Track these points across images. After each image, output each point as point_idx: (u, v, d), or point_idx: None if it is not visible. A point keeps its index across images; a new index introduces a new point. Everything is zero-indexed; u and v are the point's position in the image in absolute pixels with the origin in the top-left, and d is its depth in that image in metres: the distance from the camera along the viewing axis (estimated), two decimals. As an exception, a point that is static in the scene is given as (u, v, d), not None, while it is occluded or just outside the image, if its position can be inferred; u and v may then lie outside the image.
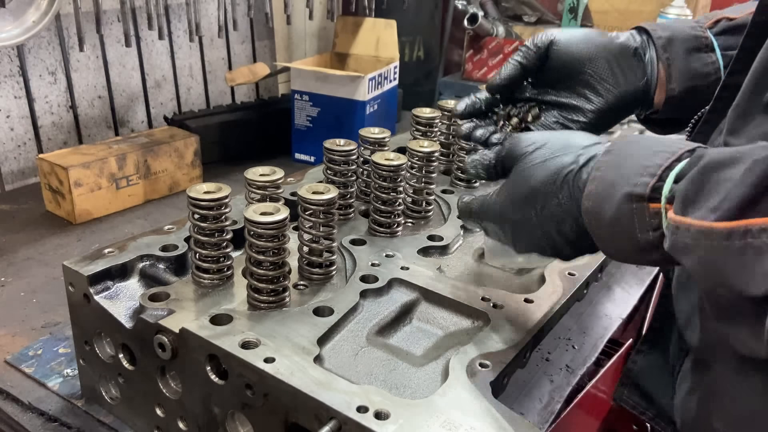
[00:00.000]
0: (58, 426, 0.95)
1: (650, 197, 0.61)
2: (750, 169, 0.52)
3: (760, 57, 0.68)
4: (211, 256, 0.88)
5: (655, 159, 0.63)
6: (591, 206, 0.67)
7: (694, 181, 0.57)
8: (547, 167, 0.73)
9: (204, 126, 1.89)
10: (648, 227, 0.62)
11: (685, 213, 0.57)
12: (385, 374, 0.76)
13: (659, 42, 0.92)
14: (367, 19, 2.26)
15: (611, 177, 0.66)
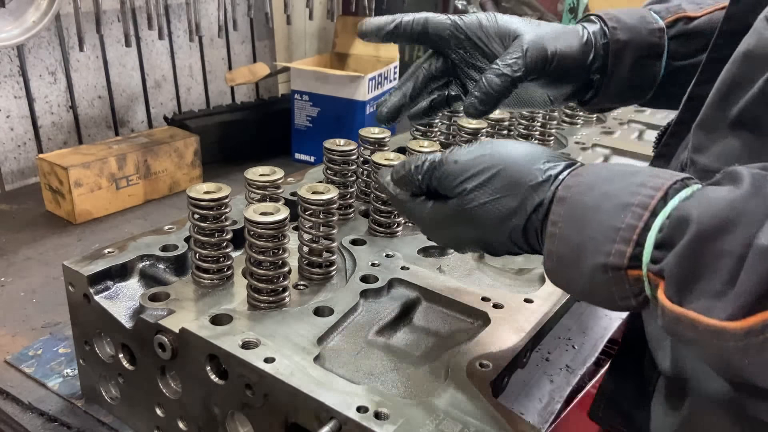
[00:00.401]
0: (58, 426, 0.95)
1: (628, 266, 0.54)
2: (760, 255, 0.45)
3: (727, 70, 0.64)
4: (211, 256, 0.88)
5: (626, 217, 0.54)
6: (554, 268, 0.61)
7: (686, 259, 0.49)
8: (490, 214, 0.65)
9: (204, 126, 1.89)
10: (629, 294, 0.55)
11: (683, 301, 0.50)
12: (385, 374, 0.76)
13: (614, 46, 0.85)
14: (367, 19, 2.26)
15: (574, 239, 0.58)
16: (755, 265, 0.45)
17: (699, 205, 0.50)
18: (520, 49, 0.78)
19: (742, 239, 0.47)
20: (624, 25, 0.85)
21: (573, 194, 0.59)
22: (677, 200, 0.53)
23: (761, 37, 0.59)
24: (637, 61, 0.86)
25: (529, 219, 0.63)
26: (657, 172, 0.57)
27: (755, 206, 0.48)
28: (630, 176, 0.57)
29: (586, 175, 0.61)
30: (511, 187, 0.64)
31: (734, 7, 0.71)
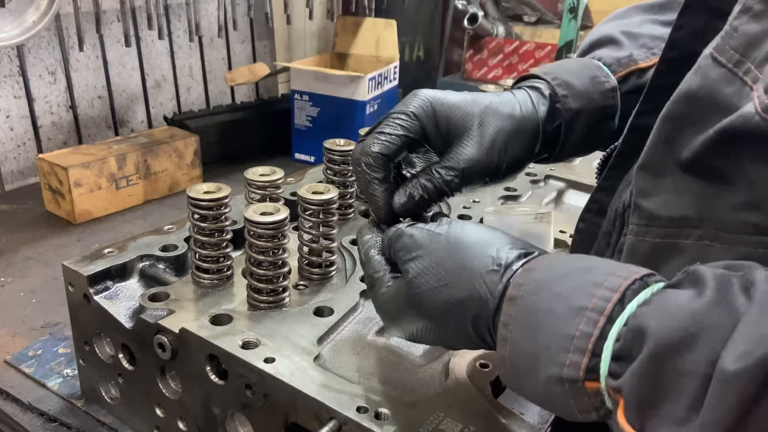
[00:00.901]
0: (57, 426, 0.95)
1: (585, 378, 0.49)
2: (725, 382, 0.40)
3: (669, 109, 0.59)
4: (210, 256, 0.88)
5: (580, 324, 0.49)
6: (510, 376, 0.56)
7: (644, 378, 0.45)
8: (436, 300, 0.60)
9: (204, 126, 1.89)
10: (589, 408, 0.50)
11: (645, 426, 0.45)
12: (385, 374, 0.76)
13: (567, 115, 0.79)
14: (367, 19, 2.26)
15: (526, 346, 0.53)
16: (720, 394, 0.40)
17: (657, 315, 0.46)
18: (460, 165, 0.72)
19: (705, 356, 0.42)
20: (575, 92, 0.79)
21: (524, 293, 0.54)
22: (635, 304, 0.48)
23: (706, 77, 0.56)
24: (590, 126, 0.81)
25: (479, 314, 0.58)
26: (614, 269, 0.52)
27: (718, 317, 0.43)
28: (585, 273, 0.53)
29: (539, 271, 0.56)
30: (459, 273, 0.60)
31: (677, 33, 0.68)
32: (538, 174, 1.32)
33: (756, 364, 0.39)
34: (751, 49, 0.53)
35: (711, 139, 0.54)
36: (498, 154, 0.73)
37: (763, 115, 0.48)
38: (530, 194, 1.24)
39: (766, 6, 0.52)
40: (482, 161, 0.72)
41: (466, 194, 1.21)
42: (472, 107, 0.74)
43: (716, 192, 0.55)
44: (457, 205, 1.18)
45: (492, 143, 0.73)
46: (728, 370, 0.40)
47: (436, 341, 0.64)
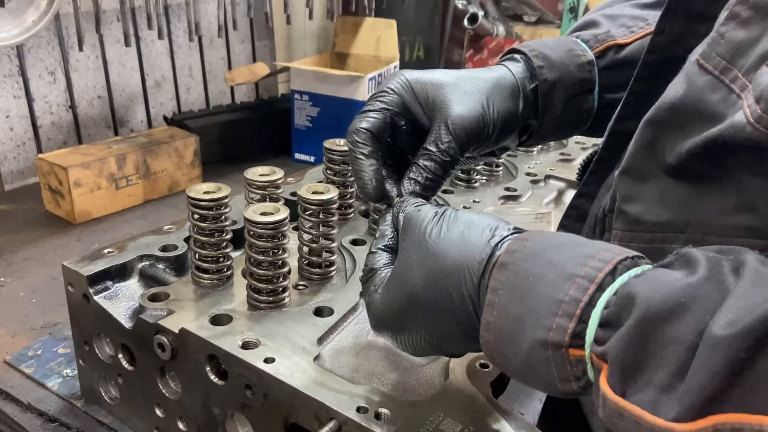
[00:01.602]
0: (57, 426, 0.95)
1: (570, 344, 0.49)
2: (713, 348, 0.40)
3: (654, 114, 0.58)
4: (210, 257, 0.88)
5: (570, 289, 0.49)
6: (492, 341, 0.55)
7: (631, 343, 0.45)
8: (425, 270, 0.59)
9: (204, 126, 1.89)
10: (570, 376, 0.50)
11: (627, 391, 0.45)
12: (385, 374, 0.76)
13: (543, 86, 0.79)
14: (367, 18, 2.26)
15: (514, 309, 0.52)
16: (707, 358, 0.40)
17: (649, 285, 0.46)
18: (450, 127, 0.71)
19: (693, 326, 0.42)
20: (551, 62, 0.79)
21: (516, 260, 0.54)
22: (627, 276, 0.49)
23: (692, 84, 0.55)
24: (568, 99, 0.80)
25: (465, 282, 0.57)
26: (608, 246, 0.52)
27: (710, 291, 0.43)
28: (579, 246, 0.53)
29: (532, 241, 0.55)
30: (449, 244, 0.59)
31: (658, 38, 0.67)
32: (538, 174, 1.32)
33: (744, 330, 0.39)
34: (737, 56, 0.52)
35: (698, 147, 0.53)
36: (483, 107, 0.73)
37: (755, 125, 0.48)
38: (530, 194, 1.24)
39: (753, 13, 0.52)
40: (469, 116, 0.72)
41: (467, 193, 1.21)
42: (446, 76, 0.74)
43: (703, 196, 0.55)
44: (456, 205, 1.18)
45: (474, 96, 0.73)
46: (716, 336, 0.40)
47: (426, 337, 0.61)
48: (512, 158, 1.40)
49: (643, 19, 0.84)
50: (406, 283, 0.60)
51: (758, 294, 0.41)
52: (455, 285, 0.57)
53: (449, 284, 0.57)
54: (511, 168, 1.37)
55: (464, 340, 0.59)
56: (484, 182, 1.29)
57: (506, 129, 0.77)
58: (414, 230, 0.62)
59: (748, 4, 0.52)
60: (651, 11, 0.84)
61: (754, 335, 0.39)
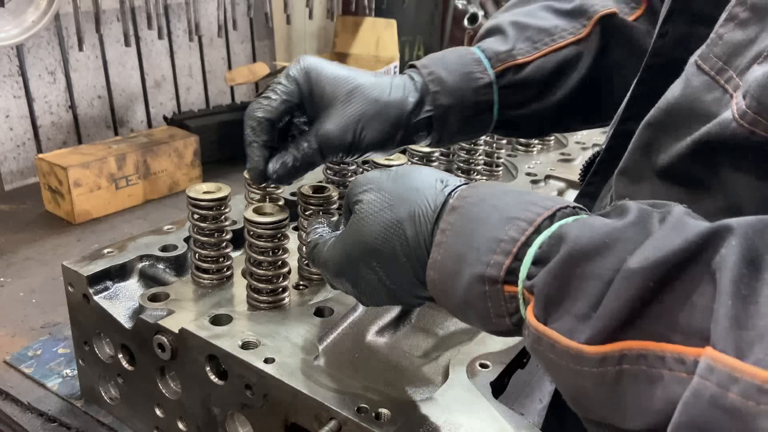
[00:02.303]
0: (57, 426, 0.95)
1: (505, 280, 0.52)
2: (626, 279, 0.43)
3: (651, 116, 0.59)
4: (210, 257, 0.88)
5: (510, 230, 0.52)
6: (437, 278, 0.57)
7: (556, 277, 0.48)
8: (380, 221, 0.61)
9: (204, 126, 1.89)
10: (504, 312, 0.53)
11: (548, 320, 0.48)
12: (385, 374, 0.76)
13: (437, 111, 0.81)
14: (367, 18, 2.26)
15: (458, 248, 0.55)
16: (620, 288, 0.43)
17: (578, 228, 0.49)
18: (319, 137, 0.77)
19: (613, 263, 0.45)
20: (446, 88, 0.80)
21: (465, 204, 0.57)
22: (563, 221, 0.51)
23: (689, 84, 0.55)
24: (463, 120, 0.83)
25: (419, 230, 0.59)
26: (552, 197, 0.55)
27: (633, 234, 0.46)
28: (525, 195, 0.56)
29: (482, 188, 0.59)
30: (403, 194, 0.61)
31: (660, 41, 0.68)
32: (538, 174, 1.32)
33: (654, 264, 0.42)
34: (734, 57, 0.52)
35: (688, 147, 0.54)
36: (353, 134, 0.78)
37: (739, 122, 0.48)
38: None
39: (751, 14, 0.52)
40: (338, 138, 0.77)
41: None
42: (345, 84, 0.78)
43: (693, 198, 0.55)
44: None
45: (350, 123, 0.77)
46: (629, 268, 0.43)
47: (383, 282, 0.63)
48: (512, 158, 1.40)
49: (549, 33, 0.84)
50: (363, 233, 0.62)
51: (674, 235, 0.43)
52: (411, 230, 0.60)
53: (406, 229, 0.60)
54: (511, 168, 1.37)
55: (417, 285, 0.62)
56: (484, 182, 1.28)
57: (384, 144, 0.81)
58: (368, 185, 0.64)
59: (746, 5, 0.52)
60: (564, 21, 0.85)
61: (664, 268, 0.42)
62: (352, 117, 0.77)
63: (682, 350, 0.41)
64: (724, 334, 0.38)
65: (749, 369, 0.36)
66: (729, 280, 0.39)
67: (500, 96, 0.83)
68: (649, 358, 0.42)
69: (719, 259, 0.41)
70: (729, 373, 0.37)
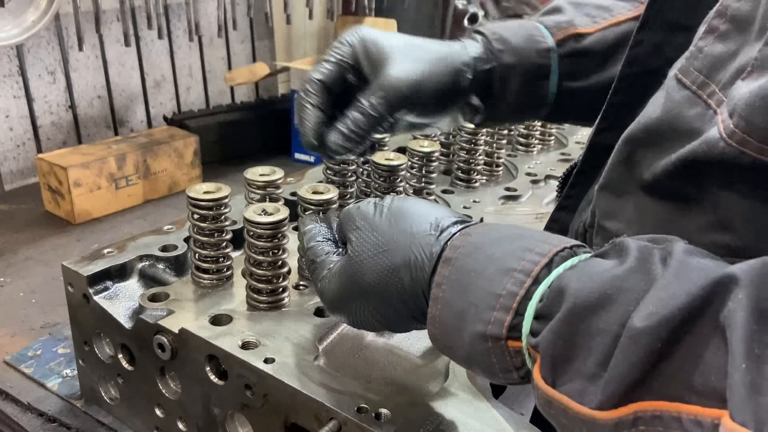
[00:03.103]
0: (57, 426, 0.95)
1: (508, 336, 0.50)
2: (632, 338, 0.41)
3: (631, 130, 0.58)
4: (210, 257, 0.88)
5: (507, 284, 0.51)
6: (438, 335, 0.57)
7: (560, 336, 0.46)
8: (375, 267, 0.60)
9: (204, 126, 1.89)
10: (510, 367, 0.52)
11: (557, 382, 0.46)
12: (385, 374, 0.76)
13: (500, 69, 0.79)
14: (367, 18, 2.26)
15: (456, 303, 0.54)
16: (627, 349, 0.41)
17: (579, 278, 0.47)
18: (384, 85, 0.73)
19: (618, 317, 0.43)
20: (510, 46, 0.80)
21: (459, 255, 0.55)
22: (561, 269, 0.50)
23: (670, 99, 0.54)
24: (524, 83, 0.81)
25: (416, 278, 0.58)
26: (547, 238, 0.53)
27: (636, 282, 0.44)
28: (518, 240, 0.54)
29: (475, 235, 0.56)
30: (397, 239, 0.59)
31: (635, 50, 0.67)
32: (538, 174, 1.32)
33: (661, 321, 0.41)
34: (715, 70, 0.51)
35: (673, 164, 0.53)
36: (420, 74, 0.74)
37: (728, 141, 0.47)
38: (530, 194, 1.24)
39: (731, 26, 0.51)
40: (404, 79, 0.73)
41: (467, 193, 1.20)
42: (399, 39, 0.76)
43: (681, 213, 0.54)
44: (457, 205, 1.18)
45: (414, 64, 0.74)
46: (635, 327, 0.41)
47: (378, 319, 0.63)
48: (512, 158, 1.40)
49: (608, 10, 0.84)
50: (359, 276, 0.61)
51: (678, 285, 0.42)
52: (407, 278, 0.58)
53: (402, 277, 0.59)
54: (511, 168, 1.37)
55: (414, 323, 0.62)
56: (484, 182, 1.28)
57: (443, 101, 0.78)
58: (361, 225, 0.63)
59: (726, 17, 0.51)
60: (618, 1, 0.84)
61: (671, 326, 0.41)
62: (416, 59, 0.74)
63: (698, 411, 0.39)
64: (740, 403, 0.36)
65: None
66: (740, 340, 0.38)
67: (560, 65, 0.82)
68: (665, 419, 0.41)
69: (727, 313, 0.39)
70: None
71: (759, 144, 0.45)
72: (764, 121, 0.44)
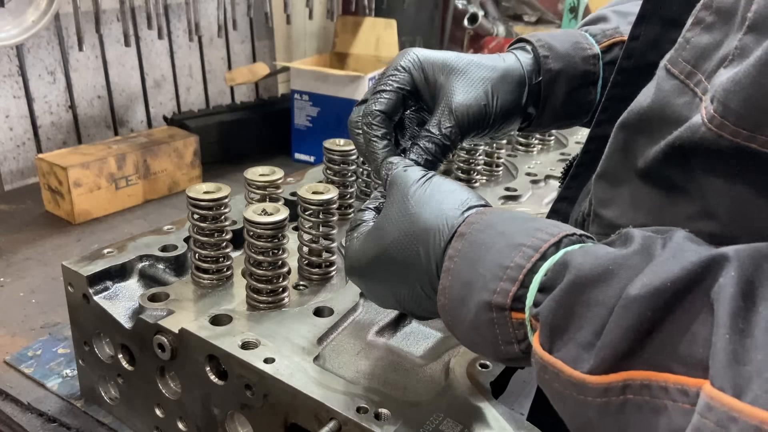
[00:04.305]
0: (57, 426, 0.95)
1: (512, 307, 0.52)
2: (626, 307, 0.43)
3: (624, 119, 0.59)
4: (210, 257, 0.88)
5: (516, 257, 0.53)
6: (446, 304, 0.58)
7: (560, 305, 0.48)
8: (400, 228, 0.62)
9: (203, 126, 1.89)
10: (512, 339, 0.53)
11: (553, 348, 0.48)
12: (385, 374, 0.76)
13: (546, 76, 0.80)
14: (367, 18, 2.26)
15: (466, 274, 0.56)
16: (621, 316, 0.43)
17: (583, 255, 0.49)
18: (453, 113, 0.73)
19: (617, 291, 0.45)
20: (556, 53, 0.80)
21: (473, 230, 0.58)
22: (570, 249, 0.52)
23: (660, 89, 0.56)
24: (570, 90, 0.81)
25: (433, 247, 0.60)
26: (557, 223, 0.56)
27: (636, 261, 0.46)
28: (530, 221, 0.57)
29: (489, 214, 0.59)
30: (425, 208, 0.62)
31: (633, 43, 0.68)
32: (538, 174, 1.32)
33: (653, 292, 0.42)
34: (701, 60, 0.53)
35: (662, 151, 0.54)
36: (487, 97, 0.75)
37: (708, 126, 0.48)
38: (530, 194, 1.24)
39: (717, 18, 0.52)
40: (473, 104, 0.74)
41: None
42: (457, 61, 0.76)
43: (672, 201, 0.55)
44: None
45: (479, 86, 0.74)
46: (630, 296, 0.43)
47: (390, 290, 0.65)
48: (512, 158, 1.40)
49: None
50: (382, 236, 0.64)
51: (673, 262, 0.44)
52: (425, 246, 0.60)
53: (420, 244, 0.61)
54: (511, 168, 1.37)
55: (425, 299, 0.63)
56: (484, 182, 1.29)
57: (508, 118, 0.78)
58: (398, 189, 0.65)
59: (711, 9, 0.53)
60: None
61: (663, 296, 0.42)
62: (479, 81, 0.74)
63: (684, 381, 0.41)
64: (722, 370, 0.38)
65: (747, 409, 0.36)
66: (726, 313, 0.39)
67: (606, 72, 0.82)
68: (653, 389, 0.42)
69: (717, 289, 0.41)
70: (727, 413, 0.37)
71: (734, 128, 0.46)
72: (739, 106, 0.45)
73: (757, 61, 0.44)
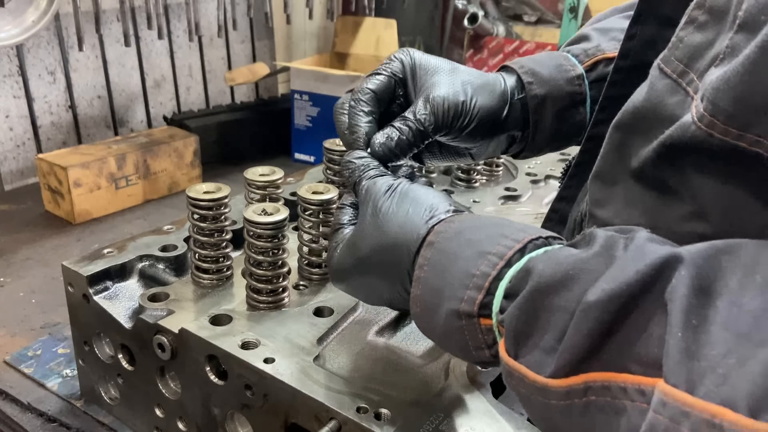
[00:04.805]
0: (57, 426, 0.95)
1: (480, 314, 0.54)
2: (585, 312, 0.44)
3: (619, 119, 0.60)
4: (210, 257, 0.88)
5: (482, 265, 0.54)
6: (419, 313, 0.60)
7: (523, 311, 0.49)
8: (371, 242, 0.64)
9: (203, 126, 1.89)
10: (482, 344, 0.55)
11: (518, 354, 0.50)
12: (385, 374, 0.76)
13: (533, 102, 0.81)
14: (366, 18, 2.26)
15: (435, 282, 0.58)
16: (580, 322, 0.44)
17: (545, 260, 0.50)
18: (430, 103, 0.74)
19: (577, 295, 0.46)
20: (540, 78, 0.81)
21: (441, 239, 0.59)
22: (535, 254, 0.53)
23: (653, 88, 0.56)
24: (558, 113, 0.82)
25: (402, 259, 0.62)
26: (524, 228, 0.57)
27: (597, 265, 0.47)
28: (497, 227, 0.58)
29: (458, 222, 0.60)
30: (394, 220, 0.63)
31: (629, 43, 0.69)
32: (538, 174, 1.32)
33: (611, 297, 0.43)
34: (694, 59, 0.53)
35: (654, 151, 0.54)
36: (465, 95, 0.76)
37: (698, 124, 0.48)
38: (530, 194, 1.24)
39: (709, 17, 0.52)
40: (450, 98, 0.75)
41: (467, 193, 1.20)
42: (445, 65, 0.78)
43: (664, 202, 0.56)
44: (457, 205, 1.17)
45: (459, 85, 0.76)
46: (588, 302, 0.44)
47: (376, 294, 0.67)
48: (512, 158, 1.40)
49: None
50: (357, 250, 0.66)
51: (631, 265, 0.44)
52: (396, 258, 0.62)
53: (392, 257, 0.62)
54: (511, 168, 1.37)
55: (406, 302, 0.64)
56: (484, 182, 1.28)
57: (487, 129, 0.79)
58: (369, 202, 0.66)
59: (704, 8, 0.53)
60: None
61: (619, 300, 0.43)
62: (460, 82, 0.76)
63: (641, 381, 0.41)
64: (674, 367, 0.39)
65: (699, 404, 0.37)
66: (679, 311, 0.40)
67: (592, 90, 0.83)
68: (613, 390, 0.43)
69: (670, 289, 0.42)
70: (680, 408, 0.38)
71: (724, 126, 0.46)
72: (728, 104, 0.45)
73: (746, 59, 0.44)
